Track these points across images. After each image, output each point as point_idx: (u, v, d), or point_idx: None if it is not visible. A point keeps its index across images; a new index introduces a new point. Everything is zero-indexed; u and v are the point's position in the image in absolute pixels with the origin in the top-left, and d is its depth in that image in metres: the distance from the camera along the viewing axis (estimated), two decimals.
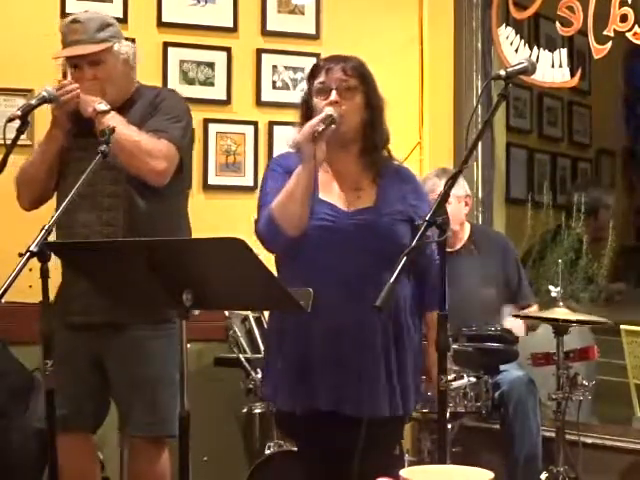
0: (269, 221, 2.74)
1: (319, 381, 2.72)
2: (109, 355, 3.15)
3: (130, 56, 3.23)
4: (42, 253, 2.50)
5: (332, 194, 2.80)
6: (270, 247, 2.79)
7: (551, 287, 3.71)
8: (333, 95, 2.74)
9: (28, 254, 2.49)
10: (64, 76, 4.08)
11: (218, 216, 4.30)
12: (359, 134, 2.79)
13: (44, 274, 2.54)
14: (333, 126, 2.68)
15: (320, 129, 2.65)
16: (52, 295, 2.64)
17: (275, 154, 4.50)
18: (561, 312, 3.62)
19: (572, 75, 4.47)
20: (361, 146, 2.81)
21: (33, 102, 3.06)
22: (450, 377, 3.26)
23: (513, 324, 3.96)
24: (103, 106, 3.08)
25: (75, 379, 3.10)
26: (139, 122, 3.15)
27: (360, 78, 2.78)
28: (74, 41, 3.14)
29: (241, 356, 3.88)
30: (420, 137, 4.69)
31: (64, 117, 3.15)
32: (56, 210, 3.19)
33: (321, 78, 2.78)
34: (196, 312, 3.49)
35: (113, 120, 3.05)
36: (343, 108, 2.73)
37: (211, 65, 4.43)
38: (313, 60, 4.56)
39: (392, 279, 2.25)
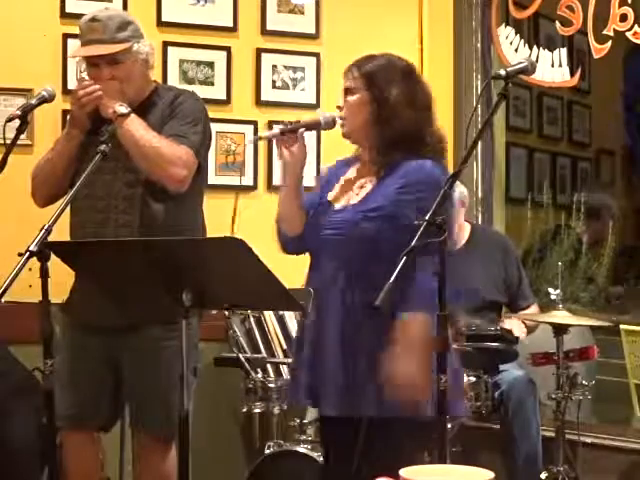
0: (275, 222, 2.87)
1: (304, 380, 2.74)
2: (124, 355, 3.14)
3: (149, 56, 3.20)
4: (42, 253, 2.50)
5: (341, 192, 2.81)
6: (280, 248, 2.89)
7: (550, 289, 3.72)
8: (339, 100, 2.80)
9: (28, 254, 2.49)
10: (64, 75, 4.11)
11: (218, 216, 4.29)
12: (369, 132, 2.78)
13: (44, 274, 2.54)
14: (302, 129, 2.76)
15: (277, 131, 2.77)
16: (52, 294, 2.63)
17: (275, 154, 4.50)
18: (561, 314, 3.62)
19: (572, 75, 4.47)
20: (371, 143, 2.80)
21: (33, 102, 3.05)
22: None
23: (512, 324, 3.96)
24: (124, 109, 3.05)
25: (85, 378, 3.11)
26: (158, 125, 3.13)
27: (364, 78, 2.77)
28: (93, 40, 3.10)
29: (241, 356, 3.88)
30: None
31: (84, 117, 3.13)
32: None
33: None
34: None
35: (133, 124, 3.04)
36: (344, 110, 2.77)
37: (211, 65, 4.43)
38: (313, 60, 4.58)
39: (392, 279, 2.24)
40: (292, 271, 2.85)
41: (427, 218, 2.32)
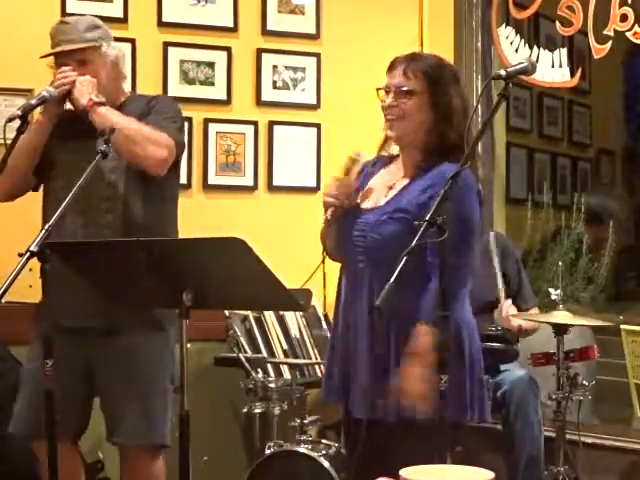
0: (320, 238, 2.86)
1: (337, 380, 2.78)
2: (101, 361, 3.09)
3: (119, 60, 3.21)
4: (42, 253, 2.50)
5: (370, 194, 2.77)
6: (327, 255, 2.88)
7: (551, 290, 3.72)
8: (388, 99, 2.71)
9: (28, 254, 2.48)
10: None
11: (218, 216, 4.30)
12: (421, 136, 2.71)
13: (44, 274, 2.54)
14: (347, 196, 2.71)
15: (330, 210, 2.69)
16: None
17: (275, 154, 4.52)
18: (561, 314, 3.62)
19: (572, 75, 4.47)
20: (418, 147, 2.73)
21: (33, 102, 3.04)
22: None
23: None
24: (99, 99, 3.06)
25: (61, 385, 2.86)
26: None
27: (426, 80, 2.69)
28: (63, 41, 3.12)
29: (241, 356, 3.88)
30: None
31: (56, 107, 3.11)
32: (43, 211, 3.17)
33: (387, 80, 2.75)
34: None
35: (108, 112, 3.04)
36: (401, 107, 2.69)
37: (211, 65, 4.43)
38: (313, 60, 4.58)
39: (392, 279, 2.23)
40: (292, 271, 2.86)
41: (427, 218, 2.30)
